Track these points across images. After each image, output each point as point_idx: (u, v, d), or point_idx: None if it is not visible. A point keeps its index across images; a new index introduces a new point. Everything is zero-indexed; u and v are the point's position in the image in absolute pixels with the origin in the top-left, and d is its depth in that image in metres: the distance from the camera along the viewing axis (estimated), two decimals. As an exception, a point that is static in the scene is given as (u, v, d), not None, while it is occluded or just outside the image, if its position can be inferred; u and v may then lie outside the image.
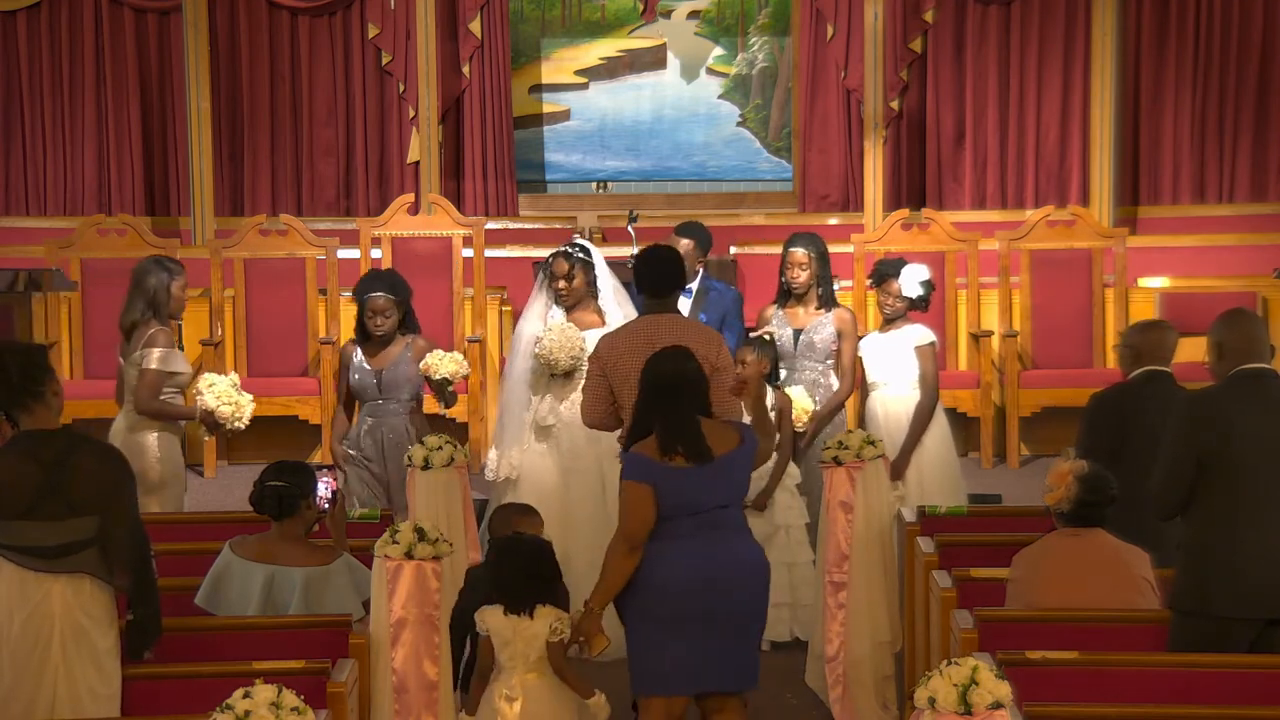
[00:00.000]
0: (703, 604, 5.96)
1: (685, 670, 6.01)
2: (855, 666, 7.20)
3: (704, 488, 6.00)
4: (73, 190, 13.04)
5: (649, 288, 7.16)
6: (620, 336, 7.10)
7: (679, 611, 5.96)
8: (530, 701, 6.03)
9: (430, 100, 12.65)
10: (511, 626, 6.03)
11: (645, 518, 5.96)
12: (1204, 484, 5.85)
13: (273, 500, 6.30)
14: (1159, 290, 12.03)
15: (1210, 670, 5.67)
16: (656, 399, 6.11)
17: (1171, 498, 5.93)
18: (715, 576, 5.98)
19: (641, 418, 6.18)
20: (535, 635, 6.03)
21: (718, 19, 13.38)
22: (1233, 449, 5.81)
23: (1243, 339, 5.98)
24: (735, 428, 6.23)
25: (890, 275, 8.65)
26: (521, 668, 6.04)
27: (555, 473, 8.24)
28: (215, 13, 12.81)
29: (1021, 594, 6.21)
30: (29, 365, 5.58)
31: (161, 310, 8.11)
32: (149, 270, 8.17)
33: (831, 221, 12.86)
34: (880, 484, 7.28)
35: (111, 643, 5.59)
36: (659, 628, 5.99)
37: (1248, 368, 5.93)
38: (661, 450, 6.00)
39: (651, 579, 5.98)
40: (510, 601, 6.05)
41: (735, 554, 6.06)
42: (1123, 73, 12.76)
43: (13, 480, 5.47)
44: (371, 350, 8.29)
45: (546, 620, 6.03)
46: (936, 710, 4.89)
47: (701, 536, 5.98)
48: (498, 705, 6.02)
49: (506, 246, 12.35)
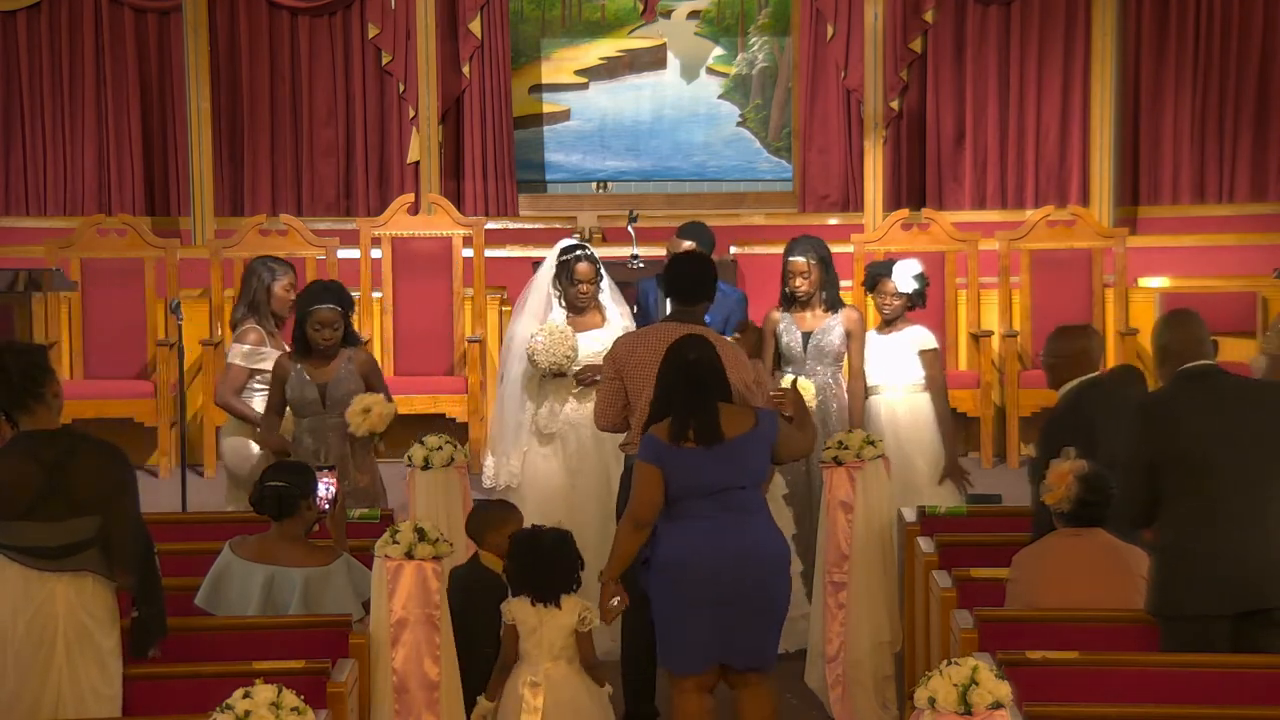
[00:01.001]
0: (717, 583, 6.16)
1: (705, 646, 6.22)
2: (855, 666, 7.21)
3: (714, 469, 6.16)
4: (73, 190, 13.04)
5: (679, 295, 7.08)
6: (641, 341, 6.98)
7: (695, 589, 6.16)
8: (553, 690, 6.19)
9: (430, 100, 12.65)
10: (538, 616, 6.20)
11: (652, 498, 6.16)
12: (1165, 487, 5.85)
13: (273, 500, 6.31)
14: (1159, 290, 12.03)
15: (1210, 670, 5.68)
16: (675, 383, 6.27)
17: (1134, 505, 5.94)
18: (727, 557, 6.16)
19: (660, 402, 6.32)
20: (562, 625, 6.20)
21: (718, 19, 13.37)
22: (1186, 449, 5.81)
23: (1185, 339, 5.99)
24: (752, 411, 6.37)
25: (883, 275, 8.63)
26: (546, 657, 6.21)
27: (561, 475, 8.23)
28: (215, 13, 12.80)
29: (1021, 594, 6.21)
30: (29, 366, 5.58)
31: (261, 309, 8.36)
32: (254, 270, 8.44)
33: (831, 221, 12.86)
34: (880, 484, 7.28)
35: (114, 642, 5.59)
36: (679, 605, 6.21)
37: (1192, 366, 5.93)
38: (672, 432, 6.17)
39: (669, 558, 6.20)
40: (537, 593, 6.20)
41: (748, 536, 6.22)
42: (1123, 73, 12.75)
43: (14, 481, 5.48)
44: (312, 364, 7.96)
45: (574, 611, 6.23)
46: (936, 710, 4.89)
47: (715, 518, 6.17)
48: (521, 693, 6.17)
49: (506, 246, 12.35)
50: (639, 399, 6.84)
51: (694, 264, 7.21)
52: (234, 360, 8.28)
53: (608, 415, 7.04)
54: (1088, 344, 6.85)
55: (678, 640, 6.26)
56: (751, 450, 6.26)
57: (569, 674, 6.25)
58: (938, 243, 11.59)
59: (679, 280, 7.10)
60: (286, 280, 8.40)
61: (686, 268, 7.16)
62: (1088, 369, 6.76)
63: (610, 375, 7.00)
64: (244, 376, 8.25)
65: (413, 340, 11.53)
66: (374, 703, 6.00)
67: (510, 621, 6.24)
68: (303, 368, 7.96)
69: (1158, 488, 5.86)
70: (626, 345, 7.03)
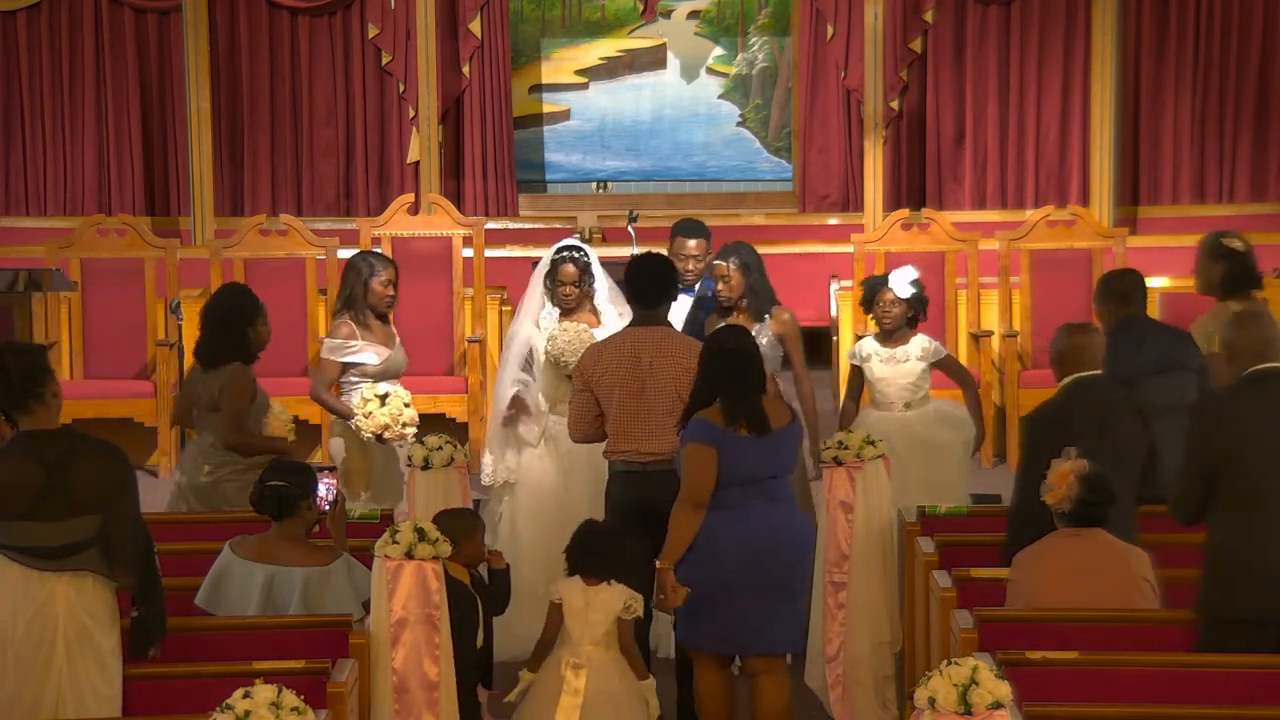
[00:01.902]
0: (751, 570, 6.37)
1: (732, 632, 6.44)
2: (855, 666, 7.20)
3: (760, 458, 6.39)
4: (73, 190, 13.04)
5: (638, 298, 7.16)
6: (604, 350, 7.14)
7: (728, 578, 6.36)
8: (594, 675, 6.36)
9: (430, 100, 12.66)
10: (586, 597, 6.40)
11: (709, 479, 6.34)
12: (1220, 487, 5.84)
13: (273, 500, 6.31)
14: (1159, 290, 12.01)
15: (1210, 670, 5.68)
16: (723, 372, 6.42)
17: (1189, 503, 5.92)
18: (762, 545, 6.38)
19: (702, 392, 6.47)
20: (609, 609, 6.40)
21: (718, 19, 13.38)
22: (1242, 450, 5.81)
23: (1256, 340, 5.97)
24: (787, 406, 6.66)
25: (880, 286, 8.50)
26: (588, 639, 6.37)
27: (554, 474, 8.23)
28: (215, 13, 12.81)
29: (1021, 594, 6.20)
30: (29, 366, 5.59)
31: (358, 304, 8.33)
32: (353, 265, 8.43)
33: (831, 221, 12.87)
34: (880, 484, 7.27)
35: (114, 642, 5.59)
36: (711, 592, 6.37)
37: (1260, 369, 5.92)
38: (727, 417, 6.33)
39: (703, 547, 6.37)
40: (592, 573, 6.45)
41: (783, 523, 6.47)
42: (1123, 73, 12.76)
43: (15, 480, 5.47)
44: None
45: (621, 597, 6.41)
46: (936, 710, 4.90)
47: (750, 506, 6.38)
48: (564, 673, 6.33)
49: (506, 246, 12.36)
50: (610, 406, 6.99)
51: (648, 268, 7.23)
52: (325, 354, 8.36)
53: (581, 425, 7.17)
54: (1088, 340, 6.84)
55: (706, 625, 6.43)
56: (789, 443, 6.55)
57: (607, 661, 6.41)
58: (938, 243, 11.59)
59: (638, 285, 7.15)
60: (386, 276, 8.38)
61: (643, 273, 7.18)
62: (1088, 365, 6.74)
63: (579, 388, 7.12)
64: (335, 370, 8.30)
65: (413, 340, 11.45)
66: (374, 703, 6.00)
67: (557, 601, 6.42)
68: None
69: (1212, 488, 5.85)
70: (591, 356, 7.15)
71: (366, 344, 8.32)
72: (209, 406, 7.63)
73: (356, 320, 8.35)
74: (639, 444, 7.00)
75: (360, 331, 8.34)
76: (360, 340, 8.32)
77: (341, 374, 8.34)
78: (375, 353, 8.34)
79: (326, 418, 9.10)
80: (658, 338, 7.03)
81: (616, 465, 7.12)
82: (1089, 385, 6.66)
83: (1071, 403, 6.62)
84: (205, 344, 7.72)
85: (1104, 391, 6.66)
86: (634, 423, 7.01)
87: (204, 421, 7.68)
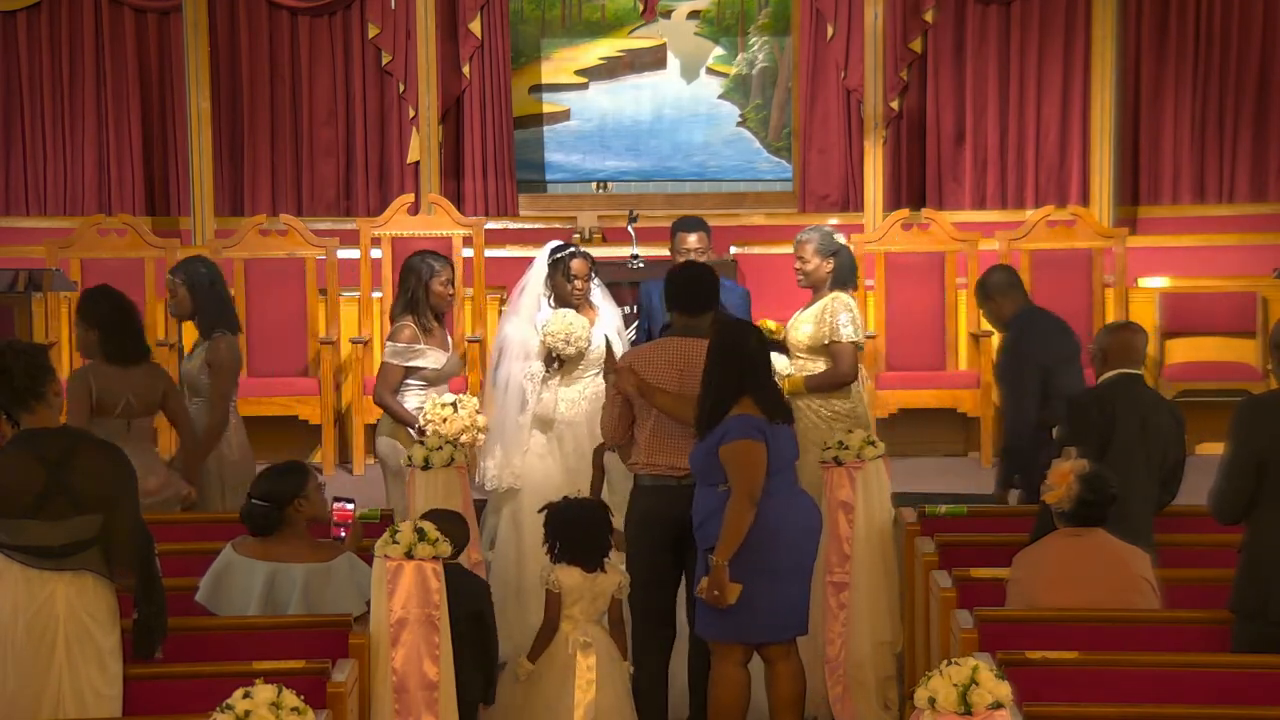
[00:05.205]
0: (794, 556, 6.59)
1: (762, 622, 6.59)
2: (856, 667, 7.21)
3: (790, 446, 6.70)
4: (73, 190, 13.04)
5: (682, 306, 7.05)
6: (652, 357, 7.01)
7: (778, 563, 6.53)
8: (598, 650, 6.61)
9: (430, 100, 12.65)
10: (587, 583, 6.63)
11: (763, 471, 6.51)
12: (1263, 488, 5.83)
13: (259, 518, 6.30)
14: (1159, 290, 12.03)
15: (1210, 670, 5.68)
16: (745, 368, 6.61)
17: (1234, 502, 5.91)
18: (793, 530, 6.58)
19: (730, 388, 6.57)
20: (607, 590, 6.67)
21: (718, 19, 13.37)
22: None
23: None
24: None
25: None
26: (590, 620, 6.62)
27: (558, 474, 8.23)
28: (215, 13, 12.80)
29: (1021, 594, 6.21)
30: (32, 366, 5.61)
31: (419, 306, 8.28)
32: (412, 267, 8.37)
33: (832, 221, 12.84)
34: (880, 484, 7.28)
35: (115, 642, 5.60)
36: (759, 582, 6.49)
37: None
38: (769, 410, 6.59)
39: (749, 536, 6.48)
40: (588, 564, 6.64)
41: (807, 507, 6.72)
42: (1123, 73, 12.75)
43: (17, 479, 5.48)
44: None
45: (616, 576, 6.69)
46: (936, 710, 4.90)
47: (779, 494, 6.54)
48: (572, 653, 6.54)
49: (506, 246, 12.35)
50: (648, 417, 6.92)
51: (693, 276, 7.18)
52: (388, 359, 8.23)
53: (611, 425, 7.10)
54: (1132, 338, 7.05)
55: (743, 614, 6.52)
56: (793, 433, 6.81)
57: (600, 634, 6.66)
58: (938, 243, 11.59)
59: (682, 294, 7.07)
60: (445, 275, 8.32)
61: (687, 281, 7.13)
62: (1132, 362, 6.91)
63: (625, 390, 6.97)
64: (399, 374, 8.19)
65: (412, 340, 11.52)
66: (374, 703, 6.00)
67: (556, 590, 6.60)
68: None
69: (1258, 487, 5.84)
70: (639, 361, 7.01)
71: (429, 347, 8.27)
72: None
73: (418, 323, 8.27)
74: (677, 458, 6.91)
75: (422, 336, 8.27)
76: (423, 344, 8.26)
77: (403, 377, 8.24)
78: (435, 357, 8.28)
79: (327, 416, 9.04)
80: (701, 352, 6.81)
81: (645, 479, 7.01)
82: (1133, 381, 6.91)
83: (1117, 392, 6.84)
84: (123, 337, 7.68)
85: (1148, 391, 6.81)
86: (673, 438, 6.91)
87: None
